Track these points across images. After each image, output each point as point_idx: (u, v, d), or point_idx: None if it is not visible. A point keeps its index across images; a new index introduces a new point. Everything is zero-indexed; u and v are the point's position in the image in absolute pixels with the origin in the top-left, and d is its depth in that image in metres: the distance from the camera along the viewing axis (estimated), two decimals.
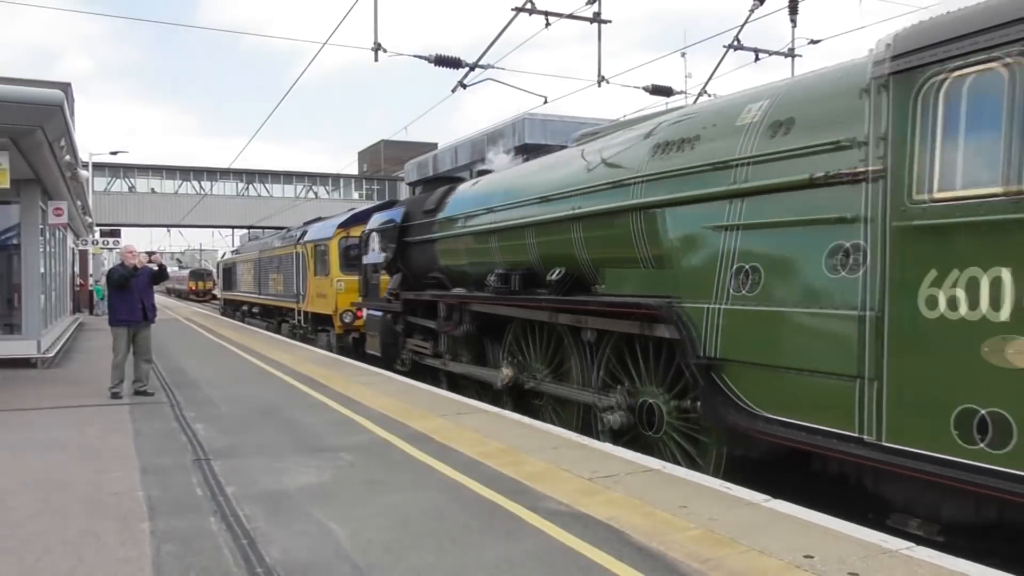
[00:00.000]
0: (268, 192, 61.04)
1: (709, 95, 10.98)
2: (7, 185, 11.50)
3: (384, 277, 14.99)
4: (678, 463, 6.85)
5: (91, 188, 36.39)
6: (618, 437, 7.67)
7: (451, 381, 12.13)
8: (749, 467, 6.29)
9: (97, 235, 38.94)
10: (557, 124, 24.73)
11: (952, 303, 4.50)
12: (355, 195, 61.31)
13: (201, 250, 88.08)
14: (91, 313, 34.67)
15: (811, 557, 4.25)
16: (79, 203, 23.08)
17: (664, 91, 13.71)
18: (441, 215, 12.23)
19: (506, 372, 10.03)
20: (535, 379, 9.70)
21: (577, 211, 8.35)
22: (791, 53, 13.28)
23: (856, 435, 4.98)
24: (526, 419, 8.44)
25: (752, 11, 10.01)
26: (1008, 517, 4.54)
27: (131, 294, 10.43)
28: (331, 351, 18.21)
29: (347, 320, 18.99)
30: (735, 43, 11.14)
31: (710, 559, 4.26)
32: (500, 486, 5.75)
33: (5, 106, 9.72)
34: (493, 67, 12.46)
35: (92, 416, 9.06)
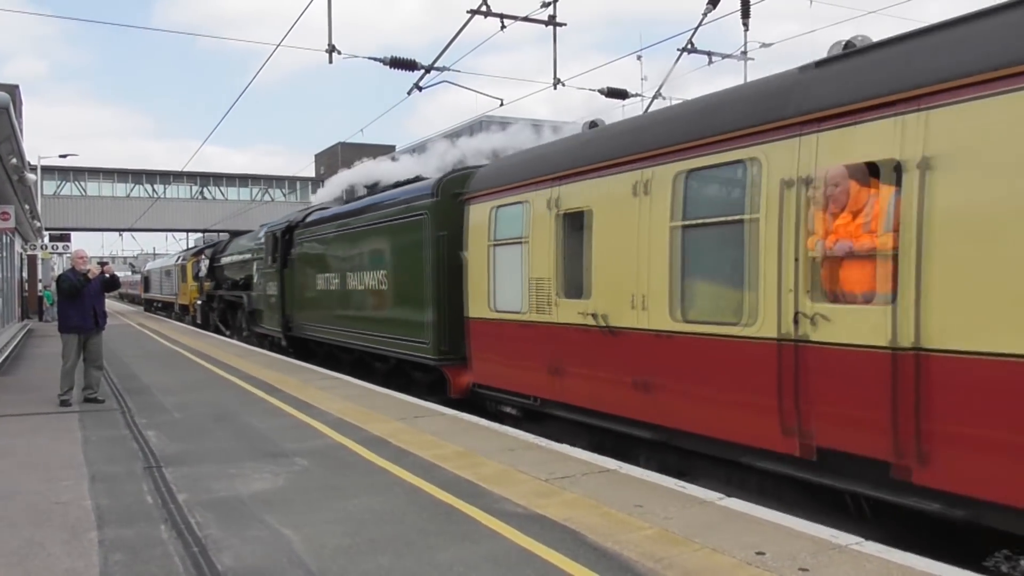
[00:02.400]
0: (223, 195, 59.86)
1: (664, 98, 11.10)
2: None
3: (208, 283, 27.48)
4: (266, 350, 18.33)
5: (40, 192, 35.58)
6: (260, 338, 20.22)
7: (233, 335, 24.04)
8: (266, 345, 19.08)
9: (46, 239, 38.12)
10: (515, 126, 24.83)
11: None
12: (312, 198, 60.38)
13: (155, 255, 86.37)
14: (41, 319, 33.90)
15: (763, 554, 4.31)
16: (27, 207, 22.58)
17: (619, 94, 13.78)
18: (223, 252, 25.28)
19: (242, 319, 22.55)
20: (241, 322, 22.40)
21: (245, 256, 21.73)
22: (743, 56, 13.47)
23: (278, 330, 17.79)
24: (483, 422, 8.45)
25: (705, 14, 10.09)
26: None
27: (82, 301, 10.21)
28: (191, 325, 30.38)
29: (197, 307, 30.12)
30: (689, 46, 11.25)
31: (664, 558, 4.30)
32: (457, 489, 5.74)
33: None
34: (449, 69, 12.44)
35: (40, 424, 8.85)
